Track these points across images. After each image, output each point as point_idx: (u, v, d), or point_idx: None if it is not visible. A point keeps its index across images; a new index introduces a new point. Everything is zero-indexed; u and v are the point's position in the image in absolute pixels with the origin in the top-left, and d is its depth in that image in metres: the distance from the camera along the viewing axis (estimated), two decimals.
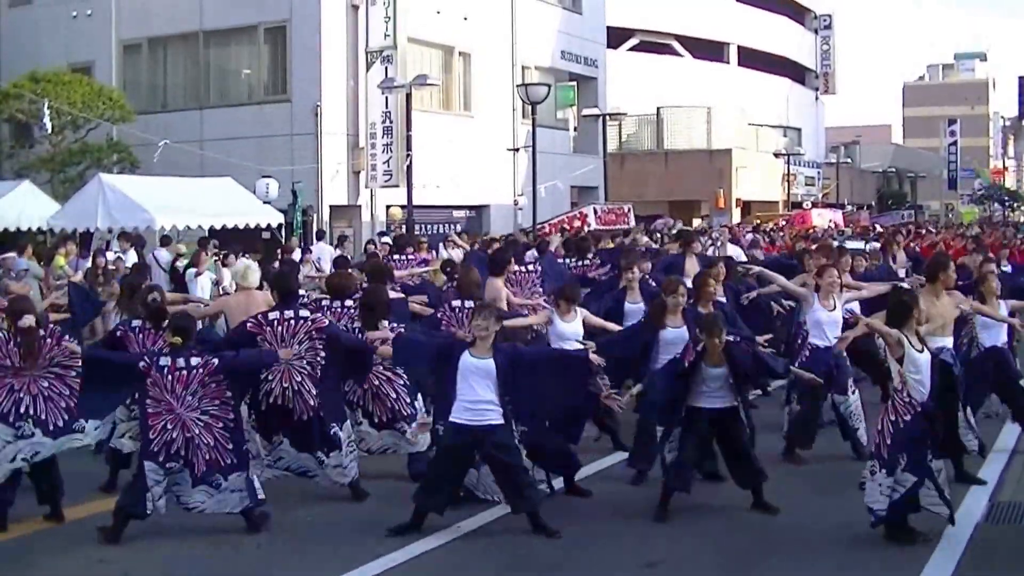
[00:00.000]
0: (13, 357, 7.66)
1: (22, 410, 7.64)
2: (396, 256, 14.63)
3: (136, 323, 8.56)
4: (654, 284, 11.02)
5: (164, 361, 7.29)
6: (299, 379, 8.13)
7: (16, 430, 7.62)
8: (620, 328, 9.41)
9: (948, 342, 8.80)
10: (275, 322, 8.16)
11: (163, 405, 7.29)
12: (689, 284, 9.51)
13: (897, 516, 7.05)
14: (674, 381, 7.80)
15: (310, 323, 8.19)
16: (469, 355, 7.34)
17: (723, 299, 10.17)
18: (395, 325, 8.74)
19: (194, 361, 7.33)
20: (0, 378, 7.62)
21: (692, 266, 12.13)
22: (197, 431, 7.32)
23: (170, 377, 7.27)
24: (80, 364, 7.61)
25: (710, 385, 7.72)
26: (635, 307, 10.20)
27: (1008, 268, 14.72)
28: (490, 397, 7.30)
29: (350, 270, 11.94)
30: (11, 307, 7.91)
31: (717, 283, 10.10)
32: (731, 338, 7.68)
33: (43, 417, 7.70)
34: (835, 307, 9.57)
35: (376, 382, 8.69)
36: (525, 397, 7.50)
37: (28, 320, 7.73)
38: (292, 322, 8.17)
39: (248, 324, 8.25)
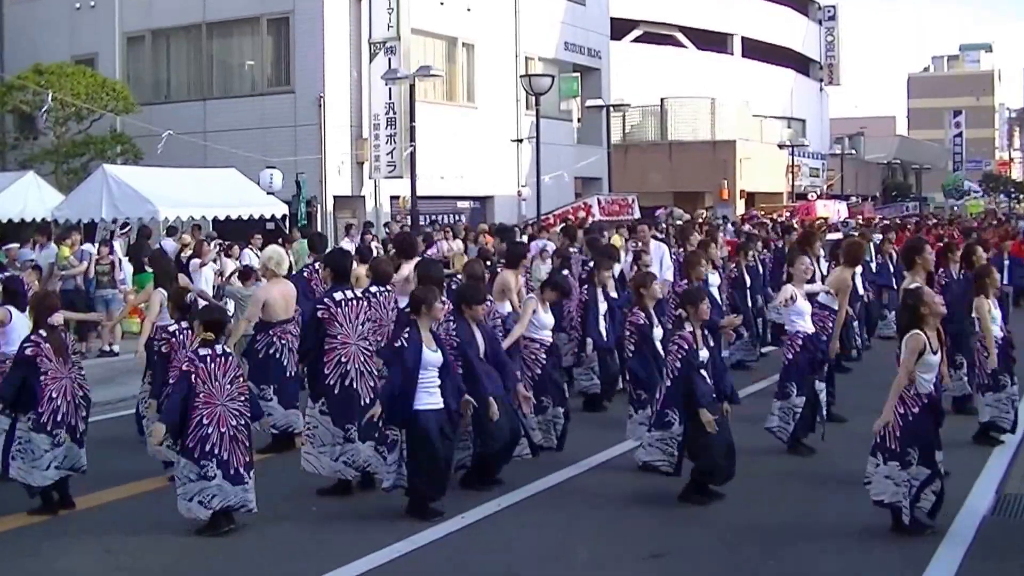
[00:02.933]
0: (50, 356, 7.68)
1: (59, 418, 7.72)
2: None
3: (174, 327, 8.48)
4: None
5: (205, 351, 7.17)
6: (363, 359, 8.21)
7: (53, 438, 7.70)
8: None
9: None
10: (342, 303, 8.18)
11: (202, 397, 7.11)
12: None
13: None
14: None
15: (367, 303, 8.34)
16: (427, 349, 7.47)
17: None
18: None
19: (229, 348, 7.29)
20: (44, 385, 7.64)
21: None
22: (235, 423, 7.20)
23: (212, 365, 7.15)
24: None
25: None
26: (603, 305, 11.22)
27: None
28: (438, 383, 7.58)
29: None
30: (41, 304, 7.95)
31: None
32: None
33: (73, 423, 7.83)
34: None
35: None
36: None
37: (58, 317, 7.82)
38: (355, 303, 8.25)
39: (319, 311, 8.19)
